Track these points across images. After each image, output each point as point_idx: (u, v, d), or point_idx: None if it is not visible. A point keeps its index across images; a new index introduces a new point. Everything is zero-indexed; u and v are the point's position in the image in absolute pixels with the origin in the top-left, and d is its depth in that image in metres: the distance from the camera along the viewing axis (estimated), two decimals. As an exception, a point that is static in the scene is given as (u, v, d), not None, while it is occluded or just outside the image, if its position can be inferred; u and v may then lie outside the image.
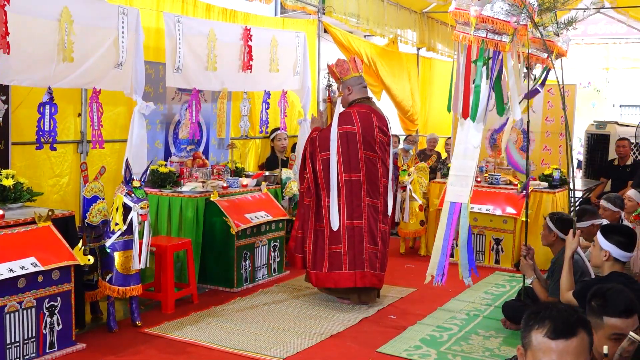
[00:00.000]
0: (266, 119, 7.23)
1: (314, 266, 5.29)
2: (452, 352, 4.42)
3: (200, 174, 6.07)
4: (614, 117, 13.93)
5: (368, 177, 5.25)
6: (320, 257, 5.25)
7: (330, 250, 5.23)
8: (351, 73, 5.41)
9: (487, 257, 6.94)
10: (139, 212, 4.51)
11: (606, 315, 2.54)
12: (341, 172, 5.20)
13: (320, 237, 5.26)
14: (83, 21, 4.83)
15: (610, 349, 2.44)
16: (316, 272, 5.27)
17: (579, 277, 4.19)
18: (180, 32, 5.74)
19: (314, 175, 5.28)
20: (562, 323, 1.98)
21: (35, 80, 4.68)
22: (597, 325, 2.52)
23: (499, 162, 7.78)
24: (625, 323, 2.52)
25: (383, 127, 5.37)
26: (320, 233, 5.25)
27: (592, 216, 5.06)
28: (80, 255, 4.24)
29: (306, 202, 5.33)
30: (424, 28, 10.20)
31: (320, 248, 5.25)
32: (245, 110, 6.90)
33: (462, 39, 4.03)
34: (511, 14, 3.95)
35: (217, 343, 4.45)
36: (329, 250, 5.23)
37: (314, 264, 5.29)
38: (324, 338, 4.62)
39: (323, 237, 5.24)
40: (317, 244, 5.27)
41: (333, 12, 7.99)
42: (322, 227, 5.23)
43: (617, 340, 2.49)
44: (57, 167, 5.29)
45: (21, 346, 3.96)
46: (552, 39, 4.80)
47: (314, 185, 5.28)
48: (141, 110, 5.34)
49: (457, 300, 5.62)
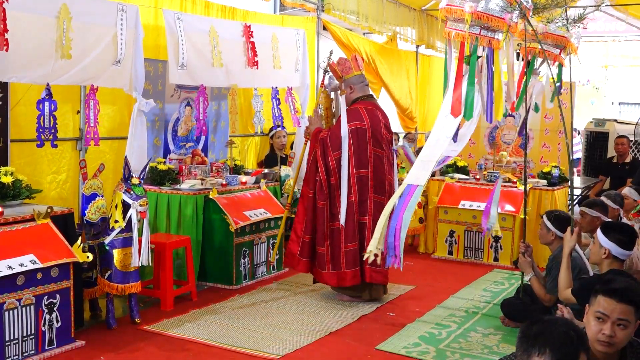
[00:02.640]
0: (279, 114, 7.15)
1: (333, 266, 5.25)
2: (450, 349, 4.43)
3: (199, 172, 6.07)
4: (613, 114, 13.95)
5: (375, 173, 5.26)
6: (337, 256, 5.23)
7: (346, 249, 5.22)
8: (353, 71, 5.40)
9: (485, 254, 6.95)
10: (138, 209, 4.50)
11: (600, 294, 2.53)
12: (352, 168, 5.19)
13: (336, 236, 5.23)
14: (82, 18, 4.82)
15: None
16: (337, 272, 5.24)
17: (577, 274, 4.20)
18: (182, 28, 5.73)
19: (327, 175, 5.24)
20: (564, 355, 1.97)
21: (34, 77, 4.67)
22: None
23: (498, 160, 7.79)
24: (611, 304, 2.49)
25: (387, 124, 5.43)
26: (337, 232, 5.23)
27: (602, 210, 5.08)
28: (79, 253, 4.24)
29: (320, 205, 5.25)
30: (423, 25, 10.18)
31: (337, 247, 5.23)
32: (258, 106, 6.85)
33: (454, 36, 4.02)
34: (506, 11, 3.94)
35: (216, 340, 4.45)
36: (345, 249, 5.22)
37: (333, 264, 5.25)
38: (322, 335, 4.62)
39: (339, 236, 5.22)
40: (333, 243, 5.24)
41: (332, 9, 7.98)
42: (338, 226, 5.21)
43: (601, 320, 2.49)
44: (55, 165, 5.29)
45: (20, 343, 3.96)
46: (565, 34, 4.80)
47: (326, 185, 5.24)
48: (141, 108, 5.33)
49: (456, 298, 5.62)
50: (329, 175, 5.22)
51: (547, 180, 7.17)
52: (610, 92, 16.15)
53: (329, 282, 5.33)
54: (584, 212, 5.15)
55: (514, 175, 7.30)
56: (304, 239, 5.32)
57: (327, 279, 5.31)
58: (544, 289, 4.65)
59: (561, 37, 4.83)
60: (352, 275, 5.24)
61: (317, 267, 5.35)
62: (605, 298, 2.50)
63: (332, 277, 5.27)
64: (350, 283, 5.27)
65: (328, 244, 5.25)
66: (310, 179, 5.33)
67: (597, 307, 2.51)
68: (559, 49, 4.89)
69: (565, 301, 3.95)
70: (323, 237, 5.25)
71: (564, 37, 4.84)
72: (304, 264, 5.38)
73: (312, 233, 5.31)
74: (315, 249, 5.33)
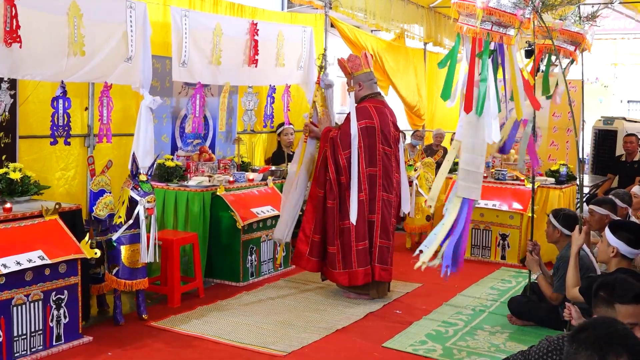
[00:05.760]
0: (271, 113, 7.23)
1: (344, 266, 5.23)
2: (457, 347, 4.42)
3: (206, 168, 6.07)
4: (621, 112, 13.87)
5: (384, 171, 5.26)
6: (348, 255, 5.21)
7: (357, 247, 5.21)
8: (362, 69, 5.38)
9: (493, 252, 6.93)
10: (145, 205, 4.51)
11: (619, 303, 2.53)
12: (363, 166, 5.18)
13: (346, 235, 5.22)
14: (91, 15, 4.84)
15: None
16: (349, 271, 5.23)
17: (584, 273, 4.18)
18: (187, 26, 5.74)
19: (337, 174, 5.22)
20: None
21: (47, 74, 4.69)
22: (608, 315, 2.51)
23: (506, 158, 7.76)
24: (638, 309, 2.51)
25: (395, 122, 5.42)
26: (347, 231, 5.21)
27: (610, 209, 5.06)
28: (87, 249, 4.25)
29: (330, 204, 5.23)
30: (431, 23, 10.16)
31: (348, 246, 5.21)
32: (251, 105, 6.88)
33: (466, 31, 4.00)
34: (518, 7, 3.92)
35: (222, 337, 4.46)
36: (356, 248, 5.21)
37: (344, 264, 5.23)
38: (329, 332, 4.62)
39: (349, 235, 5.21)
40: (343, 242, 5.23)
41: (340, 6, 7.97)
42: (348, 225, 5.20)
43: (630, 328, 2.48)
44: (64, 161, 5.31)
45: (28, 339, 3.98)
46: (581, 31, 4.77)
47: (336, 184, 5.21)
48: (149, 105, 5.35)
49: (463, 296, 5.61)
50: (339, 174, 5.21)
51: (554, 179, 7.14)
52: (619, 90, 16.04)
53: (341, 281, 5.31)
54: (593, 211, 5.13)
55: (522, 174, 7.28)
56: (313, 239, 5.31)
57: (339, 278, 5.30)
58: (551, 288, 4.63)
59: (577, 33, 4.81)
60: (364, 273, 5.23)
61: (328, 267, 5.34)
62: (628, 306, 2.51)
63: (343, 276, 5.26)
64: (362, 282, 5.25)
65: (338, 243, 5.24)
66: (320, 179, 5.31)
67: (622, 318, 2.48)
68: (574, 45, 4.86)
69: (572, 300, 3.94)
70: (333, 237, 5.24)
71: (580, 34, 4.81)
72: (313, 263, 5.37)
73: (321, 232, 5.29)
74: (326, 248, 5.32)
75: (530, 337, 4.59)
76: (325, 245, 5.31)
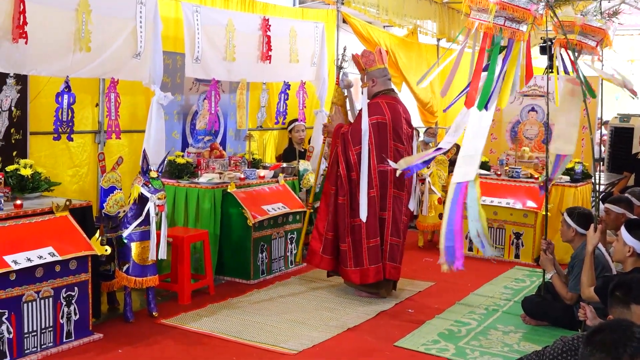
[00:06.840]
0: (284, 110, 7.20)
1: (356, 263, 5.19)
2: (470, 347, 4.37)
3: (217, 165, 6.05)
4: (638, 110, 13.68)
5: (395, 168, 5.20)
6: (359, 253, 5.17)
7: (368, 245, 5.17)
8: (376, 64, 5.33)
9: (507, 251, 6.86)
10: (156, 202, 4.49)
11: (635, 303, 2.49)
12: (374, 163, 5.13)
13: (357, 232, 5.17)
14: (101, 11, 4.83)
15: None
16: (360, 269, 5.18)
17: (599, 272, 4.13)
18: (199, 21, 5.72)
19: (347, 171, 5.17)
20: None
21: (53, 70, 4.68)
22: (623, 315, 2.47)
23: (520, 155, 7.68)
24: None
25: (408, 119, 5.36)
26: (358, 228, 5.16)
27: (627, 207, 4.99)
28: (97, 246, 4.25)
29: (340, 200, 5.19)
30: (444, 18, 10.07)
31: (359, 243, 5.16)
32: (264, 101, 6.86)
33: (478, 27, 3.93)
34: (532, 2, 3.85)
35: (233, 335, 4.44)
36: (367, 245, 5.17)
37: (355, 261, 5.19)
38: (340, 331, 4.59)
39: (360, 232, 5.16)
40: (354, 239, 5.18)
41: (352, 2, 7.92)
42: (359, 222, 5.15)
43: None
44: (76, 158, 5.31)
45: (39, 335, 3.98)
46: (603, 27, 4.70)
47: (347, 180, 5.17)
48: (159, 101, 5.33)
49: (476, 295, 5.55)
50: (350, 170, 5.16)
51: (569, 177, 7.05)
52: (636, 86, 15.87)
53: (352, 279, 5.26)
54: (609, 209, 5.05)
55: (536, 171, 7.19)
56: (327, 236, 5.27)
57: (351, 276, 5.25)
58: (565, 287, 4.57)
59: (599, 29, 4.73)
60: (375, 271, 5.18)
61: (341, 265, 5.30)
62: None
63: (355, 274, 5.21)
64: (373, 279, 5.20)
65: (349, 240, 5.19)
66: (331, 175, 5.28)
67: (637, 319, 2.43)
68: (595, 41, 4.78)
69: (587, 299, 3.88)
70: (344, 234, 5.20)
71: (603, 30, 4.74)
72: (327, 261, 5.33)
73: (334, 230, 5.26)
74: (339, 245, 5.28)
75: (544, 337, 4.52)
76: (338, 243, 5.27)
